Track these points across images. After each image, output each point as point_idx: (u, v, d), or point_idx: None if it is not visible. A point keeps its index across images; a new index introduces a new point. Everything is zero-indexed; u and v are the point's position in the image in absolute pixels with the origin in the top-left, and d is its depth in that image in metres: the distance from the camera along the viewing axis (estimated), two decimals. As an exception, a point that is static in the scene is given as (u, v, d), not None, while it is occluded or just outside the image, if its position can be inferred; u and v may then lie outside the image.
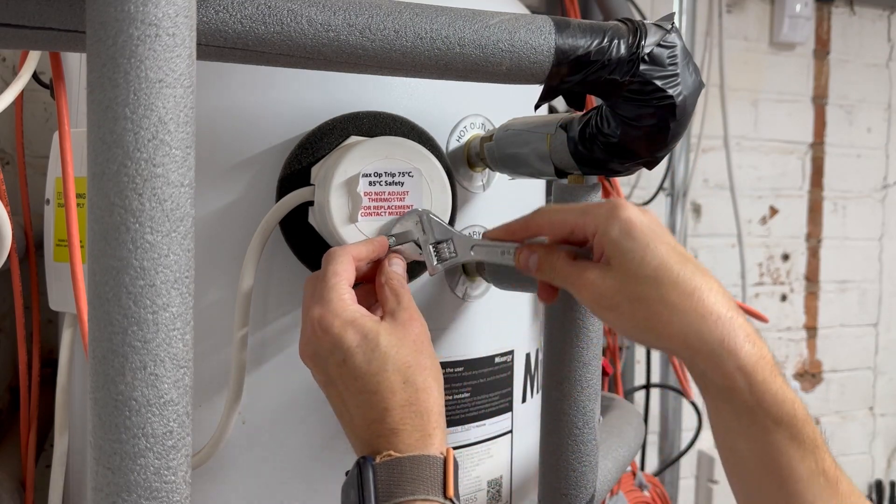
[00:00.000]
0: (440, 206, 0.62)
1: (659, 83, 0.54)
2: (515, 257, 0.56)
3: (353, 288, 0.54)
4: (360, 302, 0.54)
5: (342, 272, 0.54)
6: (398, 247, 0.59)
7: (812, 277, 1.78)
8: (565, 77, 0.54)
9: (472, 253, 0.58)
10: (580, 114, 0.60)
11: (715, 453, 1.63)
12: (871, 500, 1.85)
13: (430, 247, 0.59)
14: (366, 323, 0.52)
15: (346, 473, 0.51)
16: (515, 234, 0.57)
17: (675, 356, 0.51)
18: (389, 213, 0.60)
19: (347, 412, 0.52)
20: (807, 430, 0.47)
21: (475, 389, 0.72)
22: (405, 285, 0.56)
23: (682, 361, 0.50)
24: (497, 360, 0.74)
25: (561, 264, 0.53)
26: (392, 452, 0.49)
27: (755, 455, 0.47)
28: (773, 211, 1.73)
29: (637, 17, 0.58)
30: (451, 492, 0.49)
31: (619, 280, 0.49)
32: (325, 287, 0.53)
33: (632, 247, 0.49)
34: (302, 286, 0.56)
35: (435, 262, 0.59)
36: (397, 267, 0.57)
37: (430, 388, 0.52)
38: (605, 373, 1.12)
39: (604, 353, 1.33)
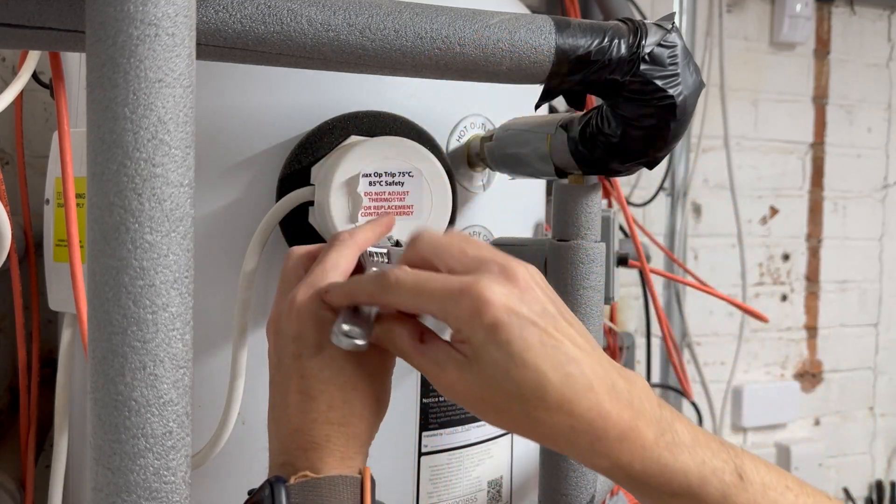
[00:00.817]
0: (440, 206, 0.62)
1: (659, 83, 0.54)
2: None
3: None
4: None
5: (342, 266, 0.49)
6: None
7: (812, 277, 1.78)
8: (565, 77, 0.54)
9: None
10: (580, 114, 0.60)
11: (715, 453, 1.63)
12: (871, 500, 1.85)
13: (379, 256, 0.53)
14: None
15: (251, 493, 0.46)
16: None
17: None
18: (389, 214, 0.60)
19: (280, 408, 0.48)
20: (708, 489, 0.45)
21: (475, 389, 0.72)
22: None
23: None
24: (497, 360, 0.73)
25: (408, 348, 0.46)
26: (308, 473, 0.45)
27: None
28: (774, 211, 1.73)
29: (637, 17, 0.58)
30: None
31: (480, 387, 0.43)
32: (322, 276, 0.49)
33: (496, 357, 0.42)
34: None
35: (371, 269, 0.52)
36: None
37: (366, 417, 0.48)
38: (605, 373, 1.12)
39: (604, 353, 1.33)
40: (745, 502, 0.46)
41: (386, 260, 0.52)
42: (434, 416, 0.69)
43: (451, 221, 0.66)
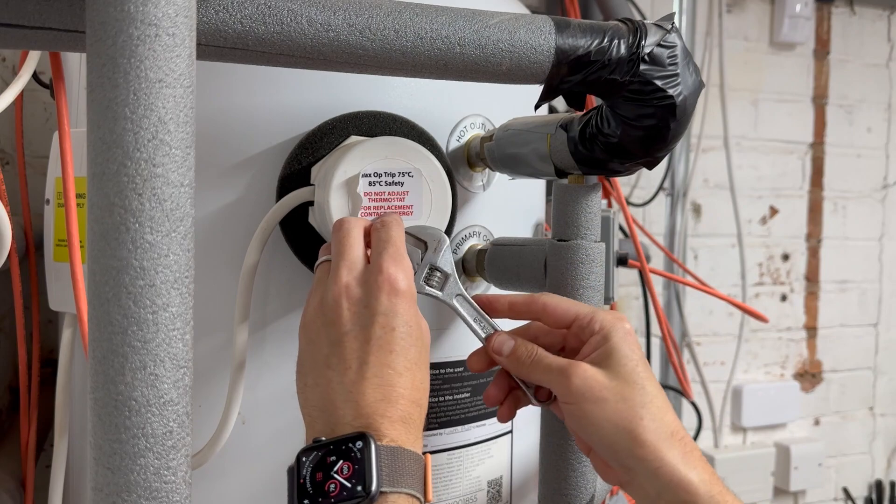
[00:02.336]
0: (440, 206, 0.62)
1: (659, 83, 0.54)
2: (488, 339, 0.58)
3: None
4: None
5: (404, 243, 0.54)
6: None
7: (812, 277, 1.78)
8: (565, 77, 0.54)
9: (454, 301, 0.59)
10: (580, 114, 0.60)
11: (714, 453, 1.63)
12: (871, 500, 1.85)
13: (427, 267, 0.58)
14: (419, 312, 0.52)
15: (316, 441, 0.48)
16: (514, 308, 0.58)
17: (636, 465, 0.52)
18: (389, 213, 0.60)
19: (356, 373, 0.49)
20: None
21: (475, 389, 0.72)
22: None
23: (640, 478, 0.52)
24: (497, 360, 0.73)
25: (544, 354, 0.56)
26: (398, 440, 0.47)
27: None
28: (773, 211, 1.73)
29: (637, 17, 0.58)
30: (430, 496, 0.48)
31: (611, 378, 0.53)
32: (400, 253, 0.52)
33: (629, 354, 0.54)
34: (302, 286, 0.56)
35: (421, 281, 0.58)
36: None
37: (428, 400, 0.52)
38: (605, 373, 1.12)
39: (604, 353, 1.33)
40: None
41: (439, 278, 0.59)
42: (434, 415, 0.69)
43: (451, 222, 0.66)
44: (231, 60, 0.48)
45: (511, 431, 0.75)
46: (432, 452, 0.69)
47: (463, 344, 0.71)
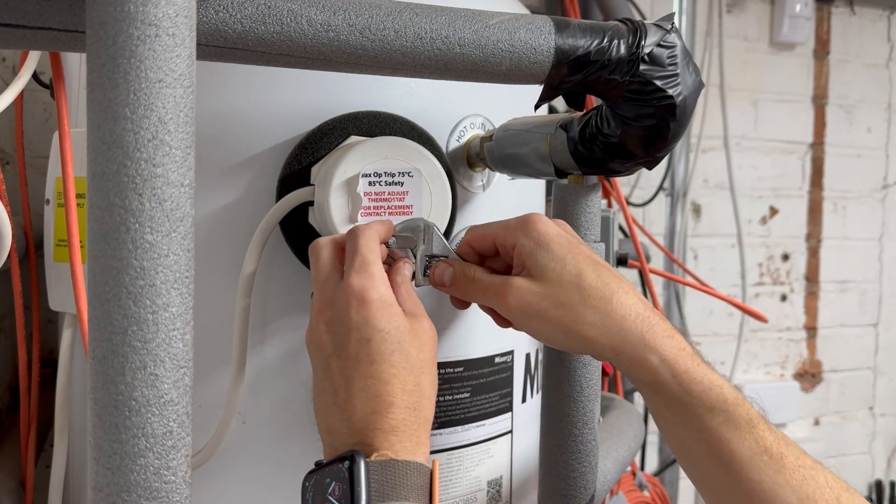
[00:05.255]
0: (440, 206, 0.62)
1: (659, 83, 0.54)
2: (430, 273, 0.57)
3: None
4: None
5: (377, 249, 0.53)
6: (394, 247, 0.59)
7: (812, 277, 1.78)
8: (565, 77, 0.54)
9: None
10: (580, 114, 0.60)
11: (715, 453, 1.63)
12: (870, 500, 1.85)
13: (425, 258, 0.58)
14: (400, 313, 0.51)
15: (318, 464, 0.48)
16: (464, 255, 0.59)
17: (600, 358, 0.54)
18: (389, 213, 0.60)
19: (345, 391, 0.49)
20: (740, 411, 0.49)
21: (475, 389, 0.72)
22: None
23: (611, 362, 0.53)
24: (497, 360, 0.74)
25: (481, 275, 0.55)
26: (388, 453, 0.47)
27: (696, 442, 0.50)
28: (773, 211, 1.73)
29: (637, 17, 0.58)
30: (435, 503, 0.48)
31: (542, 288, 0.52)
32: (366, 261, 0.52)
33: (549, 257, 0.53)
34: (302, 286, 0.56)
35: (421, 276, 0.58)
36: (408, 271, 0.57)
37: (432, 399, 0.51)
38: (605, 373, 1.12)
39: (604, 353, 1.33)
40: (771, 437, 0.49)
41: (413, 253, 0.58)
42: (434, 415, 0.69)
43: (451, 221, 0.66)
44: (231, 60, 0.48)
45: (511, 431, 0.75)
46: (432, 452, 0.69)
47: (463, 344, 0.71)
